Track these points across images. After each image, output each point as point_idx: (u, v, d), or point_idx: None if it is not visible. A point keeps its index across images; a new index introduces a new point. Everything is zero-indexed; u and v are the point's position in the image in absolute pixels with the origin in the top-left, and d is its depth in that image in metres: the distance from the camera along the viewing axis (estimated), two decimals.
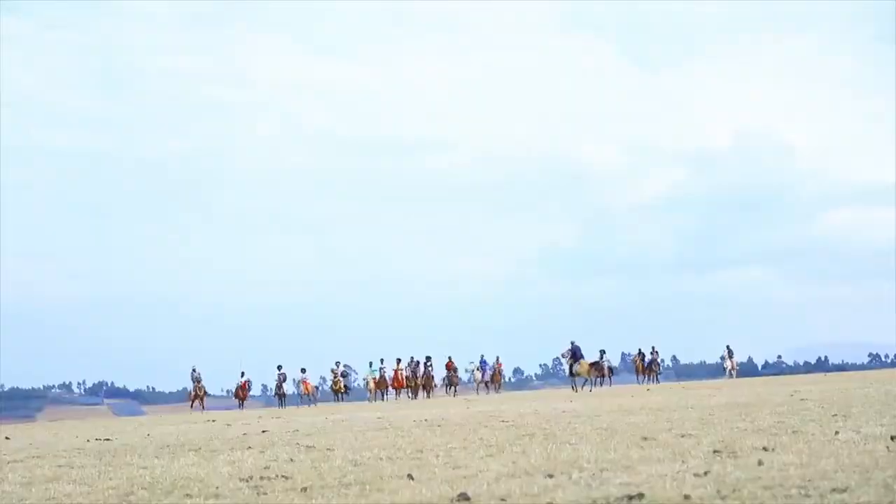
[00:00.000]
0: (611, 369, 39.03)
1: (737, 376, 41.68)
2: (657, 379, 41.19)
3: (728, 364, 42.01)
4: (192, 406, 37.81)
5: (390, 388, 38.89)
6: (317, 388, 39.64)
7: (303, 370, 39.43)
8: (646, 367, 41.04)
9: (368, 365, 39.80)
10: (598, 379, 36.78)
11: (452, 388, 39.76)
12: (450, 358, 40.51)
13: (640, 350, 42.02)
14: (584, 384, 33.04)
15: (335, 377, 39.17)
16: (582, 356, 33.82)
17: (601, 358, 38.07)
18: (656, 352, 41.58)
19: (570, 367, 33.56)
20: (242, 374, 39.40)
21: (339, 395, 39.09)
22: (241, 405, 38.13)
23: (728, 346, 42.48)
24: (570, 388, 32.92)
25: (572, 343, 33.94)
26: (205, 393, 38.40)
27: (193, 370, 38.84)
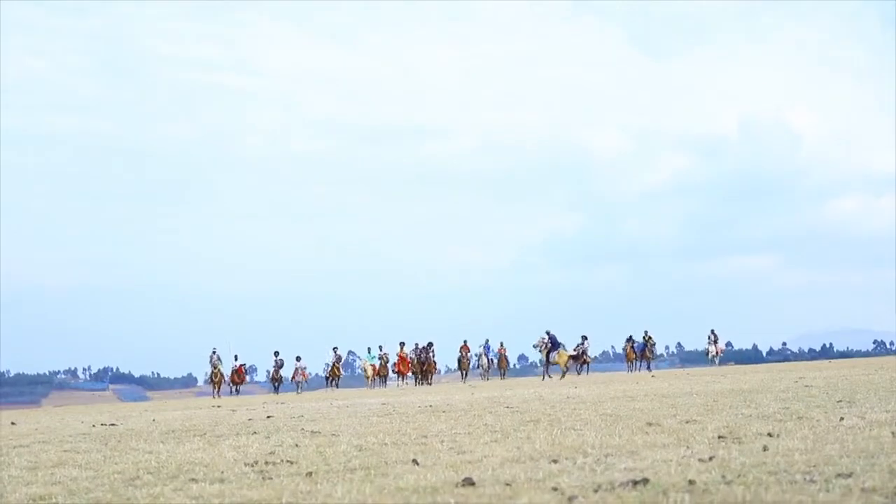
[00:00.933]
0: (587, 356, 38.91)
1: (720, 363, 40.93)
2: (649, 366, 40.49)
3: (712, 350, 41.01)
4: (215, 391, 37.25)
5: (393, 373, 38.73)
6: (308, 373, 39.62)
7: (298, 358, 39.42)
8: (639, 353, 40.21)
9: (367, 351, 39.65)
10: (581, 367, 37.05)
11: (464, 372, 39.42)
12: (465, 342, 40.17)
13: (630, 337, 40.89)
14: (563, 374, 33.38)
15: (334, 363, 39.04)
16: (559, 345, 34.18)
17: (583, 343, 38.17)
18: (650, 336, 40.42)
19: (547, 355, 33.89)
20: (236, 357, 39.07)
21: (333, 381, 38.77)
22: (235, 390, 37.92)
23: (713, 331, 41.47)
24: (541, 377, 33.13)
25: (548, 332, 34.28)
26: (222, 377, 38.03)
27: (213, 352, 38.33)
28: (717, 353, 41.17)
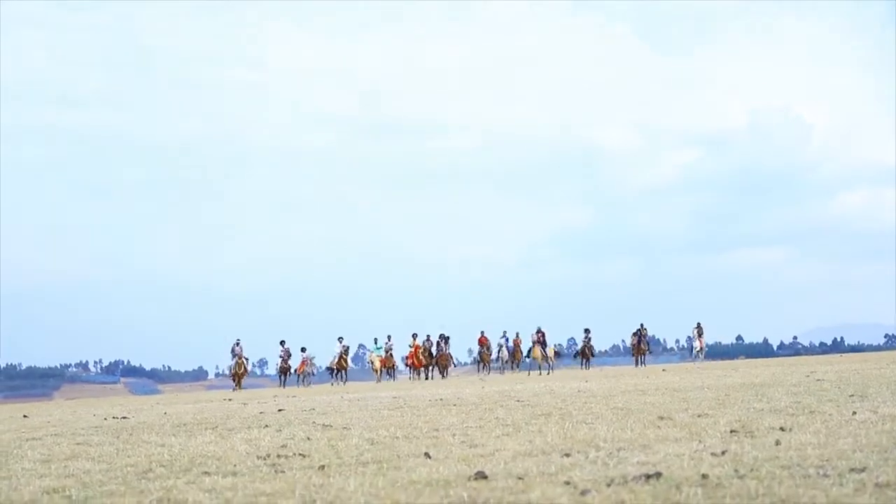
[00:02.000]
0: (590, 350, 39.24)
1: (704, 358, 39.66)
2: (644, 360, 39.89)
3: (697, 344, 39.76)
4: (236, 385, 36.56)
5: (405, 366, 38.35)
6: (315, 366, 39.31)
7: (303, 349, 39.13)
8: (635, 347, 39.74)
9: (374, 342, 38.89)
10: (585, 362, 37.99)
11: (483, 364, 38.83)
12: (482, 333, 39.57)
13: (636, 330, 40.35)
14: (538, 368, 34.27)
15: (341, 354, 38.47)
16: (546, 344, 35.13)
17: (586, 337, 38.61)
18: (644, 330, 39.95)
19: (531, 349, 34.62)
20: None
21: (339, 373, 37.99)
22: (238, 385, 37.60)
23: (698, 324, 40.22)
24: (536, 372, 33.69)
25: (539, 329, 34.82)
26: (245, 370, 37.39)
27: (237, 343, 37.41)
28: (700, 347, 39.67)
